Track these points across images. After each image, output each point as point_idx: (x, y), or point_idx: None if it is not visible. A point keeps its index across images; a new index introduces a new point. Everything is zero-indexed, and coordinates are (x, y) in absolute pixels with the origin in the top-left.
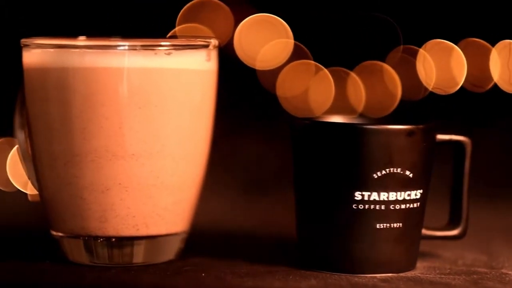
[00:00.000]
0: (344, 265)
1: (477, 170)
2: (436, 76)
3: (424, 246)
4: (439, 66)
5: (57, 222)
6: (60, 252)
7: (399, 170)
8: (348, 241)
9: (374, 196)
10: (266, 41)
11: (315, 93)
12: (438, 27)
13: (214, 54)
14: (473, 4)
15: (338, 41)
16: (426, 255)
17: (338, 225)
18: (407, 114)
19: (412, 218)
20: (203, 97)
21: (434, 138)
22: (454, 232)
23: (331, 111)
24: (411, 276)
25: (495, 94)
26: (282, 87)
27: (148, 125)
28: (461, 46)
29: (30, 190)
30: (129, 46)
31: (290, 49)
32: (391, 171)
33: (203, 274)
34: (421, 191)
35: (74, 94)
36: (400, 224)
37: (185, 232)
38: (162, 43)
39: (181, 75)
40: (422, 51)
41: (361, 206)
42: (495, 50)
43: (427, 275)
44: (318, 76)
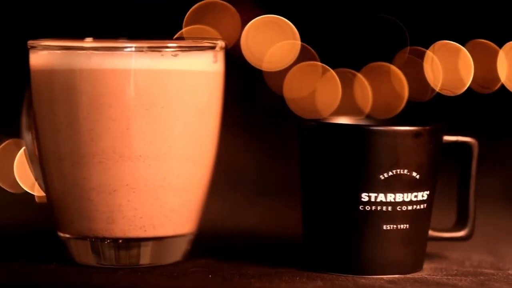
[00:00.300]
0: (351, 266)
1: (484, 171)
2: (443, 77)
3: (431, 247)
4: (446, 67)
5: (64, 224)
6: (67, 254)
7: (406, 172)
8: (355, 242)
9: (381, 197)
10: (273, 42)
11: (322, 94)
12: (445, 28)
13: (221, 56)
14: (480, 5)
15: (345, 42)
16: (433, 256)
17: (345, 226)
18: (414, 115)
19: (419, 219)
20: (210, 98)
21: (441, 139)
22: (461, 233)
23: (338, 113)
24: (418, 277)
25: (503, 95)
26: (289, 88)
27: (155, 126)
28: (468, 47)
29: (37, 192)
30: (136, 48)
31: (297, 50)
32: (398, 172)
33: (210, 276)
34: (428, 192)
35: (81, 96)
36: (407, 225)
37: (192, 233)
38: (169, 45)
39: (187, 76)
40: (429, 52)
41: (368, 208)
42: (502, 51)
43: (434, 276)
44: (325, 77)
